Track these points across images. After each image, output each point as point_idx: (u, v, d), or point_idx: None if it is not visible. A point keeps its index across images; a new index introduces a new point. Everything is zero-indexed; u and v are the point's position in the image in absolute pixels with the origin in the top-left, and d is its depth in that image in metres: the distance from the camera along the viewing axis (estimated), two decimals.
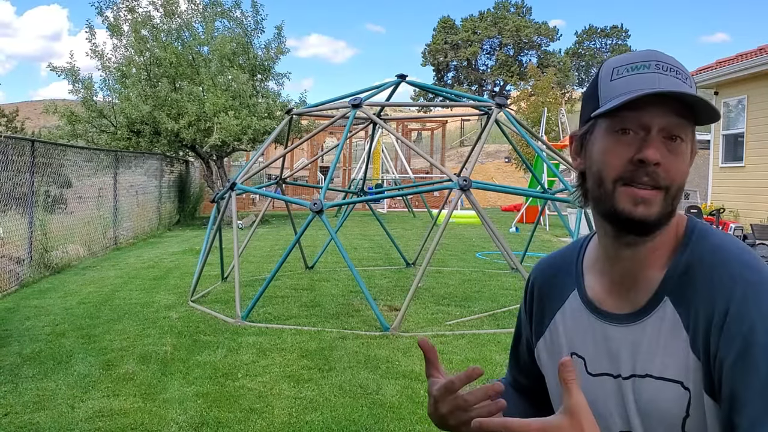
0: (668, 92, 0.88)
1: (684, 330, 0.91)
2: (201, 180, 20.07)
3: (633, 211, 0.90)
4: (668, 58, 0.93)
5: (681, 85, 0.90)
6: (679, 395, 0.90)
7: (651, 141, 0.89)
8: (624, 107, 0.89)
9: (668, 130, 0.90)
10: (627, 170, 0.90)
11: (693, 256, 0.93)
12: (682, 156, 0.91)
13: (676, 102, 0.89)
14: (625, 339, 0.96)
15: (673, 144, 0.90)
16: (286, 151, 8.49)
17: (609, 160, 0.92)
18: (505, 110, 7.15)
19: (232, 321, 5.90)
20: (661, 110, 0.89)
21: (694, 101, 0.88)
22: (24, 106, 45.97)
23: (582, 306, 1.04)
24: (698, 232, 0.96)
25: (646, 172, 0.89)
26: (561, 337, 1.07)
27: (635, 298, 0.97)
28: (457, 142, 43.80)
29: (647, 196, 0.89)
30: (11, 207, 8.26)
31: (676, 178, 0.90)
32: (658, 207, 0.90)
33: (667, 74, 0.91)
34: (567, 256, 1.12)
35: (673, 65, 0.92)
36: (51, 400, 3.94)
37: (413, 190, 15.61)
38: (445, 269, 9.29)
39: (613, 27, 55.38)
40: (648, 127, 0.90)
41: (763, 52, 12.00)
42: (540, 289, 1.14)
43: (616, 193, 0.91)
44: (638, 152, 0.89)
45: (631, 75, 0.91)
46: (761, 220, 11.31)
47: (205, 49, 16.21)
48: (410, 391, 4.11)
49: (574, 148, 1.01)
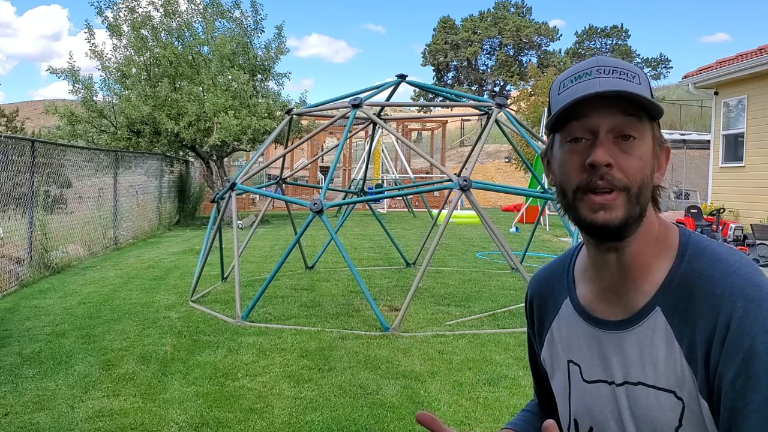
0: (601, 92, 0.88)
1: (676, 341, 0.90)
2: (201, 180, 20.07)
3: (594, 219, 0.90)
4: (612, 61, 0.93)
5: (623, 84, 0.90)
6: (673, 405, 0.90)
7: (598, 144, 0.89)
8: (571, 117, 0.91)
9: (618, 130, 0.90)
10: (582, 178, 0.91)
11: (690, 269, 0.92)
12: (638, 153, 0.90)
13: (623, 101, 0.89)
14: (616, 345, 0.97)
15: (627, 143, 0.90)
16: (286, 151, 8.48)
17: (566, 170, 0.93)
18: (505, 110, 7.15)
19: (232, 321, 5.90)
20: (607, 112, 0.89)
21: (634, 98, 0.88)
22: (24, 106, 45.96)
23: (575, 313, 1.05)
24: (694, 243, 0.95)
25: (600, 175, 0.89)
26: (558, 345, 1.08)
27: (626, 306, 0.97)
28: (457, 142, 43.80)
29: (605, 201, 0.89)
30: (11, 207, 8.26)
31: (634, 177, 0.90)
32: (621, 209, 0.89)
33: (608, 76, 0.91)
34: (559, 266, 1.13)
35: (616, 67, 0.92)
36: (51, 400, 3.94)
37: (413, 190, 15.60)
38: (445, 269, 9.28)
39: (613, 27, 55.36)
40: (595, 131, 0.90)
41: (763, 52, 12.00)
42: (537, 300, 1.15)
43: (577, 203, 0.92)
44: (588, 157, 0.90)
45: (575, 85, 0.92)
46: (761, 220, 11.31)
47: (205, 49, 16.21)
48: (410, 391, 4.11)
49: (545, 166, 1.02)
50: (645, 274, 0.95)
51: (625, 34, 55.34)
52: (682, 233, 0.98)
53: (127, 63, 15.62)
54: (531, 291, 1.18)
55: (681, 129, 28.30)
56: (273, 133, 7.68)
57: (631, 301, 0.96)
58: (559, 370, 1.08)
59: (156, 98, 15.17)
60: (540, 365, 1.18)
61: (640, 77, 0.92)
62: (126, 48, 15.80)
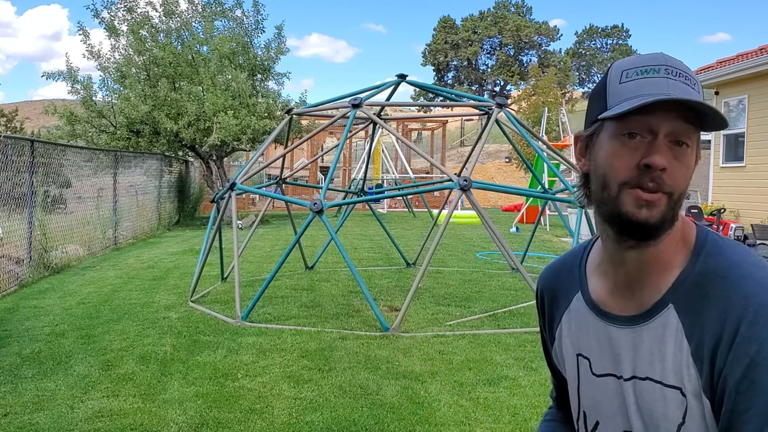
0: (681, 100, 0.87)
1: (686, 339, 0.91)
2: (201, 180, 20.06)
3: (637, 214, 0.90)
4: (677, 63, 0.93)
5: (689, 91, 0.90)
6: (678, 402, 0.90)
7: (658, 146, 0.89)
8: (632, 111, 0.89)
9: (675, 135, 0.90)
10: (633, 175, 0.90)
11: (706, 268, 0.92)
12: (687, 162, 0.91)
13: (684, 108, 0.89)
14: (627, 340, 0.97)
15: (679, 150, 0.90)
16: (286, 151, 8.47)
17: (615, 163, 0.91)
18: (505, 110, 7.14)
19: (232, 321, 5.89)
20: (669, 115, 0.89)
21: (702, 109, 0.88)
22: (23, 106, 45.96)
23: (586, 307, 1.05)
24: (711, 243, 0.96)
25: (652, 177, 0.89)
26: (567, 338, 1.09)
27: (639, 301, 0.97)
28: (458, 142, 43.79)
29: (651, 198, 0.89)
30: (11, 207, 8.25)
31: (680, 184, 0.90)
32: (661, 210, 0.90)
33: (676, 79, 0.90)
34: (570, 260, 1.13)
35: (682, 70, 0.92)
36: (50, 401, 3.93)
37: (413, 190, 15.61)
38: (445, 269, 9.27)
39: (613, 27, 55.41)
40: (655, 132, 0.90)
41: (763, 51, 11.99)
42: (547, 294, 1.16)
43: (621, 196, 0.91)
44: (645, 157, 0.89)
45: (641, 78, 0.91)
46: (762, 220, 11.30)
47: (205, 48, 16.19)
48: (410, 391, 4.10)
49: (579, 149, 1.00)
50: (660, 269, 0.96)
51: (626, 34, 55.39)
52: (700, 231, 0.98)
53: (126, 63, 15.61)
54: (541, 285, 1.18)
55: None
56: (273, 133, 7.67)
57: (644, 297, 0.96)
58: (569, 363, 1.09)
59: (155, 98, 15.16)
60: (554, 361, 1.18)
61: (698, 86, 0.93)
62: (125, 49, 15.78)
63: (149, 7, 15.96)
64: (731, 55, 13.17)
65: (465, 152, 33.20)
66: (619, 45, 54.66)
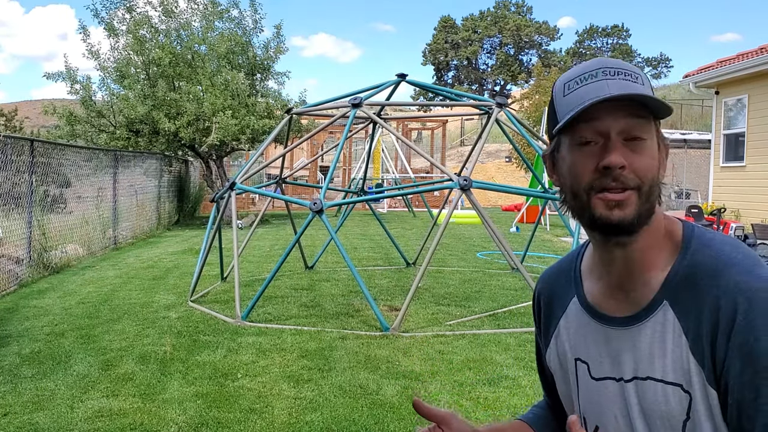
0: (614, 96, 0.89)
1: (683, 334, 0.91)
2: (200, 180, 20.05)
3: (610, 216, 0.91)
4: (615, 63, 0.94)
5: (630, 86, 0.91)
6: (680, 398, 0.90)
7: (612, 146, 0.91)
8: (580, 119, 0.91)
9: (627, 132, 0.91)
10: (595, 179, 0.92)
11: (695, 261, 0.93)
12: (648, 153, 0.92)
13: (630, 103, 0.90)
14: (625, 341, 0.97)
15: (636, 143, 0.91)
16: (285, 150, 8.47)
17: (577, 172, 0.94)
18: (505, 109, 7.13)
19: (231, 321, 5.89)
20: (616, 115, 0.91)
21: (640, 99, 0.89)
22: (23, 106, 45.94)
23: (582, 311, 1.05)
24: (698, 236, 0.97)
25: (614, 177, 0.90)
26: (565, 343, 1.09)
27: (634, 301, 0.97)
28: (458, 142, 43.79)
29: (619, 198, 0.91)
30: (10, 207, 8.24)
31: (645, 176, 0.91)
32: (634, 207, 0.91)
33: (614, 78, 0.92)
34: (566, 265, 1.13)
35: (620, 68, 0.93)
36: (50, 400, 3.92)
37: (413, 190, 15.60)
38: (445, 269, 9.27)
39: (613, 26, 55.37)
40: (606, 134, 0.91)
41: (763, 51, 11.98)
42: (544, 299, 1.16)
43: (591, 201, 0.93)
44: (601, 159, 0.91)
45: (581, 87, 0.93)
46: (762, 219, 11.29)
47: (203, 48, 16.18)
48: (410, 391, 4.09)
49: (548, 167, 1.03)
50: (651, 269, 0.96)
51: (626, 34, 55.36)
52: (686, 227, 0.99)
53: (125, 63, 15.60)
54: (539, 289, 1.19)
55: (682, 128, 28.28)
56: (272, 133, 7.66)
57: (638, 297, 0.97)
58: (566, 368, 1.09)
59: (154, 98, 15.15)
60: (546, 366, 1.18)
61: (642, 78, 0.93)
62: (124, 49, 15.77)
63: (149, 7, 15.96)
64: (731, 55, 13.17)
65: (465, 152, 33.18)
66: (619, 44, 54.65)
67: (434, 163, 7.00)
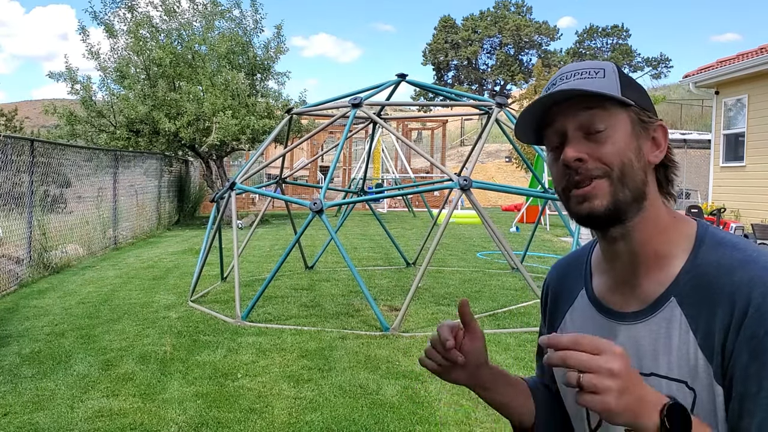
0: (545, 95, 0.93)
1: (691, 332, 0.91)
2: (201, 180, 20.05)
3: (579, 210, 0.95)
4: (575, 66, 0.97)
5: (579, 83, 0.94)
6: (684, 395, 0.90)
7: (567, 143, 0.94)
8: (546, 127, 0.97)
9: (586, 126, 0.94)
10: (564, 178, 0.95)
11: (708, 260, 0.93)
12: (611, 140, 0.93)
13: (582, 99, 0.93)
14: (630, 337, 0.97)
15: (597, 136, 0.93)
16: (285, 150, 8.47)
17: (554, 176, 0.99)
18: (505, 109, 7.13)
19: (231, 321, 5.89)
20: (567, 113, 0.94)
21: (580, 93, 0.92)
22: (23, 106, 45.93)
23: (589, 304, 1.06)
24: (711, 235, 0.97)
25: (576, 170, 0.93)
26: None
27: (641, 297, 0.98)
28: (458, 142, 43.79)
29: (584, 192, 0.93)
30: (10, 207, 8.24)
31: (611, 161, 0.92)
32: (606, 197, 0.93)
33: (568, 80, 0.95)
34: (578, 258, 1.15)
35: (578, 69, 0.96)
36: (50, 400, 3.93)
37: (413, 190, 15.60)
38: (445, 269, 9.27)
39: (613, 26, 55.38)
40: (564, 133, 0.95)
41: (763, 51, 11.98)
42: (553, 290, 1.17)
43: (568, 202, 0.97)
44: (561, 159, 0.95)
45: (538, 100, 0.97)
46: (762, 219, 11.30)
47: (204, 48, 16.18)
48: (410, 391, 4.10)
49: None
50: (659, 264, 0.96)
51: (626, 34, 55.37)
52: (699, 225, 0.99)
53: (125, 63, 15.60)
54: (548, 280, 1.20)
55: (682, 128, 28.28)
56: (273, 133, 7.67)
57: (645, 292, 0.97)
58: None
59: (155, 98, 15.15)
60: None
61: (605, 70, 0.95)
62: (124, 49, 15.77)
63: (150, 7, 15.96)
64: (731, 55, 13.17)
65: (465, 152, 33.20)
66: (619, 45, 54.65)
67: (434, 163, 7.00)
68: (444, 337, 1.08)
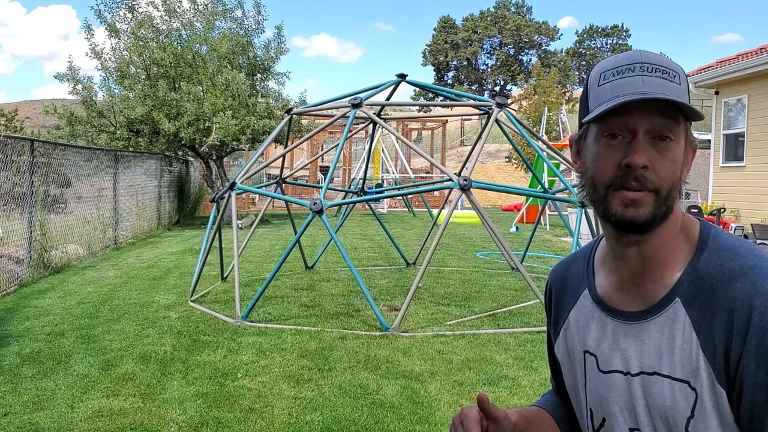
0: (646, 99, 0.89)
1: (694, 332, 0.91)
2: (201, 180, 20.05)
3: (624, 213, 0.92)
4: (655, 58, 0.93)
5: (667, 85, 0.90)
6: (686, 395, 0.91)
7: (637, 145, 0.91)
8: (610, 112, 0.91)
9: (656, 131, 0.91)
10: (617, 175, 0.92)
11: (712, 262, 0.93)
12: (671, 155, 0.92)
13: (663, 102, 0.90)
14: (633, 336, 0.98)
15: (663, 144, 0.91)
16: (285, 150, 8.47)
17: (600, 165, 0.94)
18: (505, 110, 7.13)
19: (231, 321, 5.89)
20: (647, 113, 0.90)
21: (676, 103, 0.89)
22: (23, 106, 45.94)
23: (593, 304, 1.06)
24: (714, 236, 0.97)
25: (635, 176, 0.91)
26: (574, 335, 1.09)
27: (645, 297, 0.98)
28: (458, 142, 43.79)
29: (636, 197, 0.91)
30: (11, 207, 8.25)
31: (665, 179, 0.91)
32: (650, 208, 0.91)
33: (651, 75, 0.91)
34: (580, 257, 1.14)
35: (659, 65, 0.92)
36: (50, 400, 3.93)
37: (413, 190, 15.61)
38: (445, 269, 9.27)
39: (613, 27, 55.36)
40: (634, 131, 0.91)
41: (763, 51, 11.99)
42: (556, 290, 1.17)
43: (608, 198, 0.93)
44: (625, 157, 0.91)
45: (616, 79, 0.93)
46: (762, 219, 11.30)
47: (204, 48, 16.18)
48: (410, 391, 4.10)
49: (573, 152, 1.04)
50: (665, 266, 0.97)
51: (626, 34, 55.34)
52: (702, 226, 0.99)
53: (126, 63, 15.60)
54: (551, 280, 1.20)
55: None
56: (273, 133, 7.67)
57: (650, 292, 0.97)
58: (575, 360, 1.09)
59: (155, 98, 15.15)
60: (556, 358, 1.18)
61: (680, 76, 0.93)
62: (125, 49, 15.76)
63: (150, 7, 15.96)
64: (731, 55, 13.17)
65: (465, 152, 33.20)
66: (619, 45, 54.63)
67: (434, 163, 7.00)
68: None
